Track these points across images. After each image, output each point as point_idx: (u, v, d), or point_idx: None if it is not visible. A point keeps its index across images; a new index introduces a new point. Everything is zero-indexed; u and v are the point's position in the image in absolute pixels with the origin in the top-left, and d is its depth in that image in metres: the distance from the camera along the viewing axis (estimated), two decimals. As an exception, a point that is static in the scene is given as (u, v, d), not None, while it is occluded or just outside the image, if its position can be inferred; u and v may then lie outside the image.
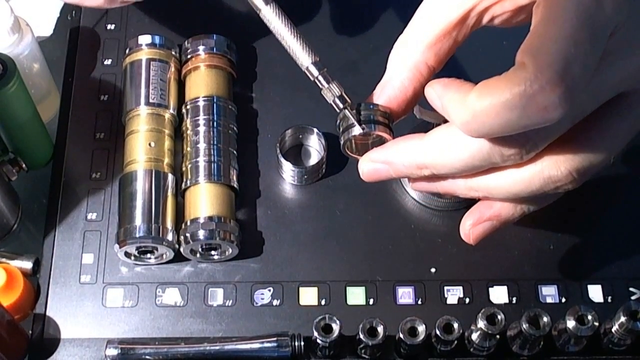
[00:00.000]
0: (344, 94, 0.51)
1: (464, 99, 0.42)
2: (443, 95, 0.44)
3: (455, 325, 0.51)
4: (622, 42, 0.44)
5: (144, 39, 0.62)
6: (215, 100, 0.60)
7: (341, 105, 0.51)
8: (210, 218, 0.56)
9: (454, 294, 0.56)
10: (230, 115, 0.61)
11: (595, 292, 0.57)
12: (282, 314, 0.56)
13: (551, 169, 0.45)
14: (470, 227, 0.50)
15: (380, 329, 0.51)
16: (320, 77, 0.51)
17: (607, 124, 0.46)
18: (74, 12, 0.67)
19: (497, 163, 0.45)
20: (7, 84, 0.54)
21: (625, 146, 0.49)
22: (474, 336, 0.52)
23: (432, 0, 0.48)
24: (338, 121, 0.51)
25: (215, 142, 0.59)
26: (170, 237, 0.56)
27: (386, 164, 0.49)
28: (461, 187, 0.49)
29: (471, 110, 0.41)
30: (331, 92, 0.51)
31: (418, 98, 0.49)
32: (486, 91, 0.41)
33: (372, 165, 0.50)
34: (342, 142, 0.51)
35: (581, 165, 0.45)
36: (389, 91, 0.49)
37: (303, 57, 0.52)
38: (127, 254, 0.56)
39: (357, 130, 0.49)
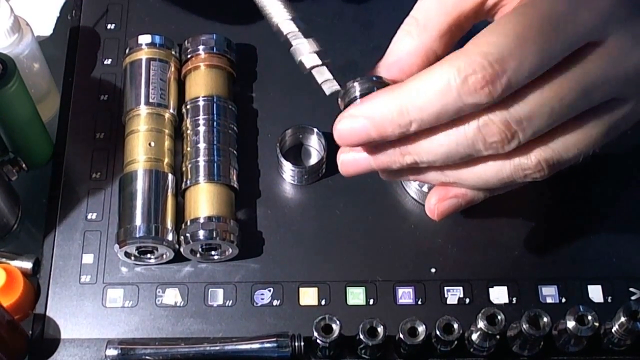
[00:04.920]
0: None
1: (400, 90, 0.44)
2: (372, 107, 0.45)
3: (455, 325, 0.51)
4: (613, 50, 0.44)
5: (144, 39, 0.62)
6: (215, 100, 0.60)
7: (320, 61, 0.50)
8: (210, 218, 0.56)
9: (454, 294, 0.56)
10: (230, 115, 0.61)
11: (595, 292, 0.57)
12: (282, 314, 0.56)
13: (521, 157, 0.46)
14: (436, 203, 0.50)
15: (380, 329, 0.51)
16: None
17: (584, 124, 0.46)
18: (73, 11, 0.67)
19: (480, 151, 0.45)
20: (7, 83, 0.54)
21: (624, 147, 0.49)
22: (474, 336, 0.52)
23: None
24: (340, 95, 0.49)
25: (215, 142, 0.59)
26: (170, 237, 0.56)
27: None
28: (432, 173, 0.48)
29: (412, 94, 0.44)
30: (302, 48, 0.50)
31: None
32: (425, 74, 0.43)
33: (351, 155, 0.49)
34: None
35: (551, 157, 0.46)
36: (395, 73, 0.49)
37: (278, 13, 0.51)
38: (127, 254, 0.56)
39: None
